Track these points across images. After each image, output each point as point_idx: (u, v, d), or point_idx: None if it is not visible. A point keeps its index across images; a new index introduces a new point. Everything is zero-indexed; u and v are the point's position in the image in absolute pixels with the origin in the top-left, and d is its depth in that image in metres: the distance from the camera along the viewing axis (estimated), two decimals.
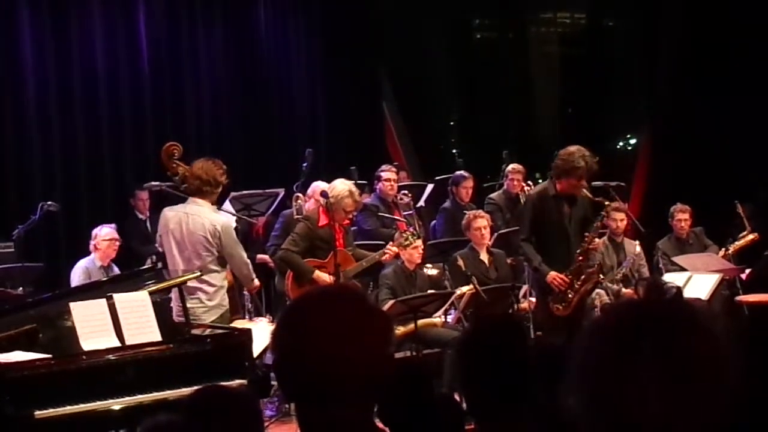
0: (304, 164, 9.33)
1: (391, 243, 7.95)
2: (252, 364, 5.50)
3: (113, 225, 8.72)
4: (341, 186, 7.66)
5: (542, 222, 7.01)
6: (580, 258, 6.95)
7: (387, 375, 1.89)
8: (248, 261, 6.59)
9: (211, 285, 6.26)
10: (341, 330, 1.82)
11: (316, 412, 1.84)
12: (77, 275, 8.36)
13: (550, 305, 7.01)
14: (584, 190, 7.09)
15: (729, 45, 11.75)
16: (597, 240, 7.11)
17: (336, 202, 7.52)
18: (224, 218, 6.48)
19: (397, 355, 7.57)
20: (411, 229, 8.38)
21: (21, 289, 8.06)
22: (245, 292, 7.76)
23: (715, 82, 11.77)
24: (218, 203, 8.02)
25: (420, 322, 7.54)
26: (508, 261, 8.67)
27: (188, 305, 5.90)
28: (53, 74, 10.10)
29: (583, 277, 6.96)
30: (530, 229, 7.10)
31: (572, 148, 6.94)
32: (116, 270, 8.40)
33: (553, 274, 6.91)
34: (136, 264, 8.56)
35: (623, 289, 8.78)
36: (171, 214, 6.42)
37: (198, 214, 6.30)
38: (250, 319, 7.51)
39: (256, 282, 6.84)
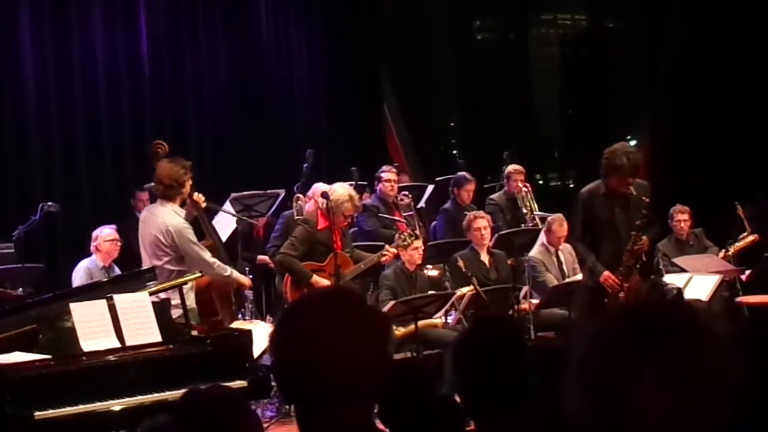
0: (305, 165, 9.32)
1: (389, 245, 7.95)
2: (252, 365, 5.51)
3: (113, 226, 8.72)
4: (341, 190, 7.65)
5: (592, 220, 6.91)
6: (629, 259, 6.80)
7: (386, 376, 1.89)
8: (210, 260, 6.46)
9: None
10: (339, 331, 1.82)
11: (316, 414, 1.84)
12: (79, 275, 8.37)
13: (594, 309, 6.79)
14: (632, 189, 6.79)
15: (729, 45, 11.75)
16: (644, 238, 6.85)
17: (336, 207, 7.52)
18: (178, 220, 6.46)
19: (398, 356, 7.56)
20: (410, 230, 8.38)
21: (21, 289, 8.05)
22: (247, 292, 7.76)
23: (715, 83, 11.76)
24: (220, 203, 8.04)
25: (420, 322, 7.54)
26: (509, 262, 8.67)
27: None
28: (53, 75, 10.07)
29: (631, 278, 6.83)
30: (583, 228, 7.02)
31: (615, 146, 6.81)
32: (117, 271, 8.39)
33: (606, 273, 6.77)
34: (136, 265, 8.55)
35: None
36: (142, 215, 6.77)
37: (157, 215, 6.48)
38: (248, 321, 7.50)
39: (237, 276, 6.72)
